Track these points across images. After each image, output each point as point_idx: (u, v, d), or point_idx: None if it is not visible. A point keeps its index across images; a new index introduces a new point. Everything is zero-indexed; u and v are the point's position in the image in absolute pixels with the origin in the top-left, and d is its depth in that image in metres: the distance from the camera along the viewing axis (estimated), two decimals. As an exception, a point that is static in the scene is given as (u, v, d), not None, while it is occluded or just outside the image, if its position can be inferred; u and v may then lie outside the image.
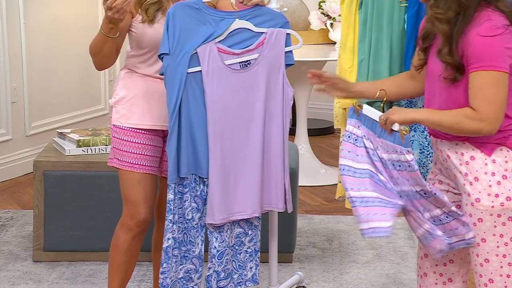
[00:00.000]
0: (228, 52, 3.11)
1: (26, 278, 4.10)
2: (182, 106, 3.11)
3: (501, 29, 2.60)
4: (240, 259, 3.24)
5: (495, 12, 2.64)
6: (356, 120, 2.85)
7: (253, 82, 3.14)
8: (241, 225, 3.22)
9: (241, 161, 3.15)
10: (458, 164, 2.74)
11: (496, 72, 2.60)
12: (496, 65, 2.59)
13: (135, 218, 3.29)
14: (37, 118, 5.78)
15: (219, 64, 3.09)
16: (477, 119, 2.62)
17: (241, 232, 3.23)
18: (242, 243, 3.24)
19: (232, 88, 3.12)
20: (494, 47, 2.60)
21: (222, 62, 3.10)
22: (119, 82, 3.34)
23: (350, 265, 4.23)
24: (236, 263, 3.23)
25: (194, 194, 3.18)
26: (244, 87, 3.13)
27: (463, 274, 2.89)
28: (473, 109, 2.63)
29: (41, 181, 4.20)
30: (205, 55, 3.08)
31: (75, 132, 4.44)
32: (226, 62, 3.10)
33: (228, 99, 3.12)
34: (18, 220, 4.83)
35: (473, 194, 2.71)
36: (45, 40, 5.80)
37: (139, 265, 4.12)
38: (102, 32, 3.17)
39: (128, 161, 3.28)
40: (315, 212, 4.99)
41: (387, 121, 2.71)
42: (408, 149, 2.68)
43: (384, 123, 2.72)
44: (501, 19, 2.62)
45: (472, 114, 2.63)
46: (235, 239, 3.23)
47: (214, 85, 3.10)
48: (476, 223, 2.72)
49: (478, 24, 2.62)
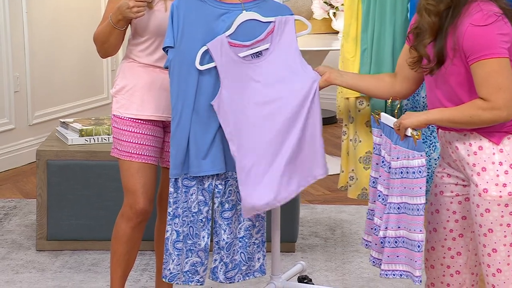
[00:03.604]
0: (239, 45, 3.08)
1: (29, 267, 4.08)
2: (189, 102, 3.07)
3: (493, 17, 2.61)
4: (249, 251, 3.22)
5: (485, 2, 2.63)
6: (378, 129, 2.95)
7: (271, 71, 3.10)
8: (249, 217, 3.19)
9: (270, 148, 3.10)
10: (466, 155, 2.73)
11: (497, 59, 2.60)
12: (494, 52, 2.60)
13: (133, 208, 3.27)
14: (40, 108, 5.76)
15: (233, 57, 3.06)
16: (490, 108, 2.62)
17: (250, 225, 3.21)
18: (251, 236, 3.22)
19: (250, 79, 3.09)
20: (489, 36, 2.60)
21: (236, 55, 3.07)
22: (120, 72, 3.33)
23: (353, 255, 4.21)
24: (246, 255, 3.21)
25: (202, 187, 3.14)
26: (262, 76, 3.10)
27: (471, 266, 2.87)
28: (483, 99, 2.62)
29: (44, 170, 4.18)
30: (217, 50, 3.04)
31: (77, 121, 4.42)
32: (239, 54, 3.07)
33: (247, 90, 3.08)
34: (21, 209, 4.81)
35: (480, 184, 2.69)
36: (47, 29, 5.76)
37: (142, 254, 4.10)
38: (110, 22, 3.14)
39: (127, 150, 3.26)
40: (318, 201, 4.97)
41: (400, 126, 2.76)
42: (421, 153, 2.73)
43: (398, 129, 2.77)
44: (492, 8, 2.63)
45: (484, 105, 2.62)
46: (244, 232, 3.20)
47: (232, 78, 3.06)
48: (484, 214, 2.70)
49: (470, 15, 2.62)
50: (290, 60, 3.14)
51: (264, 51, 3.12)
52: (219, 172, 3.13)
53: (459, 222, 2.84)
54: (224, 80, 3.06)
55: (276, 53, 3.12)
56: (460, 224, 2.84)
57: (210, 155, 3.11)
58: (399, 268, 2.84)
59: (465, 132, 2.72)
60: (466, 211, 2.82)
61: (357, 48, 3.48)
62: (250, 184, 3.08)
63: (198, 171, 3.11)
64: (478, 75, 2.62)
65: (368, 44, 3.42)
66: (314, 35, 5.60)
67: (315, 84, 3.12)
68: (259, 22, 3.11)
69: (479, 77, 2.62)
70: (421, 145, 2.74)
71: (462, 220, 2.84)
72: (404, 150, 2.78)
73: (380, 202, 2.92)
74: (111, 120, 3.32)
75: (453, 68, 2.66)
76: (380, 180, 2.92)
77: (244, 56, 3.09)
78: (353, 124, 3.43)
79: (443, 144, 2.82)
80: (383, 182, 2.90)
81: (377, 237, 2.92)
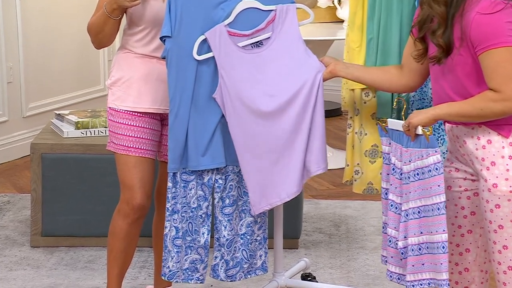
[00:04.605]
0: (238, 34, 3.08)
1: (23, 263, 4.09)
2: (187, 93, 3.07)
3: (501, 4, 2.60)
4: (251, 249, 3.23)
5: None
6: (386, 138, 2.94)
7: (272, 61, 3.11)
8: (251, 213, 3.20)
9: (275, 140, 3.12)
10: (474, 150, 2.73)
11: (506, 48, 2.60)
12: (503, 41, 2.59)
13: (130, 204, 3.28)
14: (34, 99, 5.76)
15: (232, 47, 3.07)
16: (501, 99, 2.61)
17: (252, 221, 3.22)
18: (253, 232, 3.23)
19: (251, 69, 3.09)
20: (497, 24, 2.60)
21: (235, 45, 3.07)
22: (115, 63, 3.33)
23: (358, 251, 4.22)
24: (247, 253, 3.22)
25: (201, 182, 3.15)
26: (263, 66, 3.10)
27: (480, 263, 2.87)
28: (493, 90, 2.62)
29: (39, 164, 4.18)
30: (215, 39, 3.05)
31: (73, 113, 4.42)
32: (239, 44, 3.08)
33: (248, 81, 3.08)
34: (15, 204, 4.82)
35: (490, 179, 2.69)
36: (42, 17, 5.76)
37: (140, 251, 4.11)
38: (105, 12, 3.15)
39: (123, 144, 3.27)
40: (322, 196, 4.97)
41: (410, 126, 2.76)
42: (436, 149, 2.73)
43: (407, 129, 2.77)
44: None
45: (494, 96, 2.62)
46: (246, 228, 3.21)
47: (231, 69, 3.07)
48: (494, 210, 2.70)
49: (477, 2, 2.62)
50: (293, 49, 3.14)
51: (264, 40, 3.12)
52: (219, 166, 3.14)
53: (467, 217, 2.85)
54: (222, 70, 3.06)
55: (278, 42, 3.13)
56: (468, 220, 2.85)
57: (210, 148, 3.11)
58: (425, 277, 2.82)
59: (473, 125, 2.72)
60: (475, 206, 2.83)
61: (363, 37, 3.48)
62: (264, 183, 3.11)
63: (197, 165, 3.12)
64: (487, 66, 2.62)
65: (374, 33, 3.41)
66: (318, 24, 5.60)
67: (319, 75, 3.13)
68: (259, 10, 3.11)
69: (488, 67, 2.62)
70: (434, 141, 2.74)
71: (471, 216, 2.84)
72: (416, 150, 2.78)
73: (393, 212, 2.90)
74: (107, 113, 3.33)
75: (460, 58, 2.67)
76: (392, 189, 2.91)
77: (244, 45, 3.09)
78: (359, 116, 3.44)
79: (450, 138, 2.82)
80: (395, 191, 2.89)
81: (393, 249, 2.90)
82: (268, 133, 3.11)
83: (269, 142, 3.12)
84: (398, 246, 2.85)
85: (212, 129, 3.11)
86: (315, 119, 3.14)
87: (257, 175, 3.12)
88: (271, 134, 3.11)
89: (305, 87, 3.11)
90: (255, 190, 3.14)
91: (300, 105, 3.11)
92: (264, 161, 3.12)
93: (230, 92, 3.07)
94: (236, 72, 3.08)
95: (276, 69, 3.12)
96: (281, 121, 3.11)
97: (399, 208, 2.88)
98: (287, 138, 3.12)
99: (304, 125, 3.12)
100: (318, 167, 3.17)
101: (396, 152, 2.88)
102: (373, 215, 4.65)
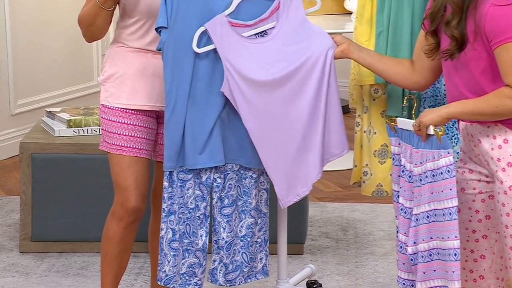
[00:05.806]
0: (241, 25, 3.08)
1: (12, 270, 4.09)
2: (184, 87, 3.07)
3: None
4: (252, 252, 3.24)
5: None
6: (396, 138, 2.93)
7: (279, 49, 3.11)
8: (252, 214, 3.21)
9: (292, 124, 3.13)
10: (489, 149, 2.73)
11: None
12: None
13: (125, 206, 3.29)
14: (24, 96, 5.77)
15: (235, 37, 3.07)
16: None
17: (252, 223, 3.22)
18: (253, 234, 3.23)
19: (258, 57, 3.09)
20: None
21: (239, 35, 3.07)
22: (108, 58, 3.33)
23: (367, 257, 4.22)
24: (248, 256, 3.22)
25: (199, 181, 3.15)
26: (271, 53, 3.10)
27: (496, 270, 2.87)
28: (510, 86, 2.62)
29: (28, 165, 4.19)
30: (216, 31, 3.05)
31: (65, 111, 4.43)
32: (243, 34, 3.08)
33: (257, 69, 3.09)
34: (3, 207, 4.83)
35: (506, 181, 2.69)
36: (31, 9, 5.77)
37: (136, 257, 4.12)
38: (97, 2, 3.15)
39: (117, 143, 3.27)
40: (329, 199, 4.98)
41: (420, 125, 2.75)
42: (448, 151, 2.72)
43: (418, 129, 2.77)
44: None
45: (510, 93, 2.62)
46: (246, 230, 3.22)
47: (237, 59, 3.07)
48: (510, 213, 2.70)
49: None
50: (301, 31, 3.14)
51: (269, 30, 3.12)
52: (217, 165, 3.14)
53: (482, 222, 2.85)
54: (227, 62, 3.06)
55: (284, 30, 3.13)
56: (483, 224, 2.85)
57: (208, 145, 3.11)
58: (437, 284, 2.81)
59: (488, 124, 2.72)
60: (490, 210, 2.82)
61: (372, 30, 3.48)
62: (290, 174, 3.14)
63: (195, 164, 3.12)
64: (503, 60, 2.62)
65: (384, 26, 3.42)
66: (325, 15, 5.60)
67: (330, 52, 3.13)
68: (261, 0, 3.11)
69: (504, 62, 2.62)
70: (447, 142, 2.73)
71: (485, 220, 2.84)
72: (428, 151, 2.77)
73: (402, 216, 2.90)
74: (99, 110, 3.33)
75: (474, 54, 2.66)
76: (401, 192, 2.90)
77: (248, 36, 3.09)
78: (368, 114, 3.44)
79: (464, 137, 2.82)
80: (404, 194, 2.89)
81: (404, 255, 2.90)
82: (284, 117, 3.11)
83: (286, 126, 3.12)
84: (408, 252, 2.85)
85: (211, 125, 3.11)
86: (330, 98, 3.15)
87: (281, 167, 3.13)
88: (287, 118, 3.12)
89: (318, 65, 3.11)
90: (281, 183, 3.14)
91: (314, 84, 3.12)
92: (284, 150, 3.12)
93: (239, 83, 3.07)
94: (243, 62, 3.08)
95: (285, 54, 3.12)
96: (296, 103, 3.11)
97: (408, 213, 2.87)
98: (305, 118, 3.12)
99: (321, 103, 3.13)
100: (342, 147, 3.21)
101: (406, 153, 2.88)
102: (383, 218, 4.66)
